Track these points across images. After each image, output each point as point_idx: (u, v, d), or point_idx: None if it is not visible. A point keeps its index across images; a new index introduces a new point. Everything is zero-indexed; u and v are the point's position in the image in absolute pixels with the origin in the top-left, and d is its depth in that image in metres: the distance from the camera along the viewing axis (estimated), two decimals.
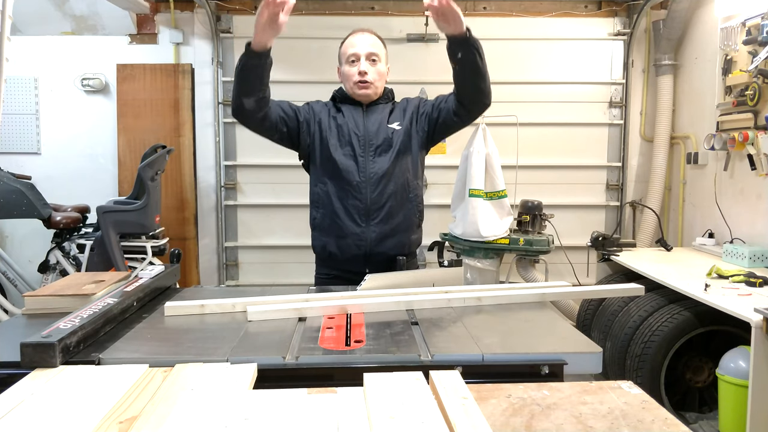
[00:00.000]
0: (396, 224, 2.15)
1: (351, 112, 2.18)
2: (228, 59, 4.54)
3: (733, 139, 3.42)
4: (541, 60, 4.55)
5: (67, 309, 1.57)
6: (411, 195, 2.19)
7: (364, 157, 2.12)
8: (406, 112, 2.20)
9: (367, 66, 2.12)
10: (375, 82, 2.14)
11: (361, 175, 2.11)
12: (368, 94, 2.15)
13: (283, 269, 4.60)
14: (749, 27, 3.36)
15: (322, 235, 2.19)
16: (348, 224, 2.12)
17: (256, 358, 1.26)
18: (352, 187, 2.11)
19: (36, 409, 1.03)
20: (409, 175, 2.18)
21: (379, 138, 2.14)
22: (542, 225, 3.91)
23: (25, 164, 4.56)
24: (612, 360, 3.07)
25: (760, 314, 2.19)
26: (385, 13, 4.48)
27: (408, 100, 2.27)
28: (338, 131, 2.15)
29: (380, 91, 2.20)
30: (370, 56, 2.13)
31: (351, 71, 2.14)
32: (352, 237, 2.12)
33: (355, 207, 2.11)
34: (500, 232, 3.79)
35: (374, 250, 2.12)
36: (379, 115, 2.19)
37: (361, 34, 2.16)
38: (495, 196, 3.82)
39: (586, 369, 1.33)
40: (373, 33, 2.19)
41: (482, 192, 3.76)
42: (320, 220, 2.18)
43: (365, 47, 2.13)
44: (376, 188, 2.11)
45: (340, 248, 2.14)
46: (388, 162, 2.12)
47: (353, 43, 2.15)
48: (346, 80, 2.18)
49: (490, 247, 3.79)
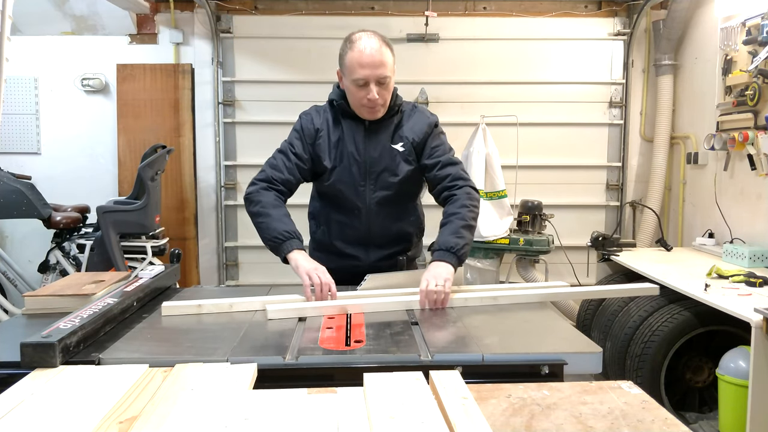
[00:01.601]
0: (396, 248, 2.11)
1: (351, 130, 2.00)
2: (228, 59, 4.54)
3: (733, 139, 3.41)
4: (541, 60, 4.54)
5: (67, 309, 1.58)
6: (413, 218, 2.13)
7: (364, 186, 2.01)
8: (415, 134, 2.02)
9: (377, 90, 1.89)
10: (385, 103, 1.96)
11: (361, 203, 2.02)
12: (376, 116, 1.97)
13: (283, 269, 4.49)
14: (749, 27, 3.36)
15: (321, 249, 2.15)
16: (346, 248, 2.08)
17: (256, 358, 1.26)
18: (352, 214, 2.04)
19: (36, 409, 1.03)
20: (409, 199, 2.12)
21: (380, 164, 1.99)
22: (542, 225, 3.91)
23: (25, 164, 4.56)
24: (612, 360, 3.07)
25: (760, 314, 2.19)
26: (385, 13, 4.48)
27: (420, 116, 2.05)
28: (337, 154, 2.00)
29: (387, 107, 2.00)
30: (380, 80, 1.89)
31: (359, 94, 1.91)
32: (350, 258, 2.08)
33: (354, 233, 2.06)
34: (500, 232, 3.80)
35: (372, 269, 2.04)
36: (383, 135, 2.01)
37: (370, 48, 1.87)
38: (495, 196, 3.83)
39: (586, 369, 1.33)
40: (381, 40, 1.91)
41: (482, 192, 3.77)
42: (320, 237, 2.14)
43: (376, 70, 1.87)
44: (377, 216, 2.04)
45: (339, 267, 2.05)
46: (389, 190, 2.02)
47: (362, 63, 1.87)
48: (351, 99, 1.97)
49: (490, 247, 3.80)
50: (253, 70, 4.53)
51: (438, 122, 2.09)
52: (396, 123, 2.03)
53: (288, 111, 4.24)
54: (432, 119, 2.07)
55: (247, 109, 4.56)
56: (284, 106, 4.41)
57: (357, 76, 1.88)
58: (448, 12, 4.47)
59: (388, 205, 2.04)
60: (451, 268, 1.77)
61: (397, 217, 2.08)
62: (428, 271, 1.77)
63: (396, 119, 2.03)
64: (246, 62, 4.54)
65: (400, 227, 2.10)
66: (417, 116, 2.06)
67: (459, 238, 1.84)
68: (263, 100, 4.53)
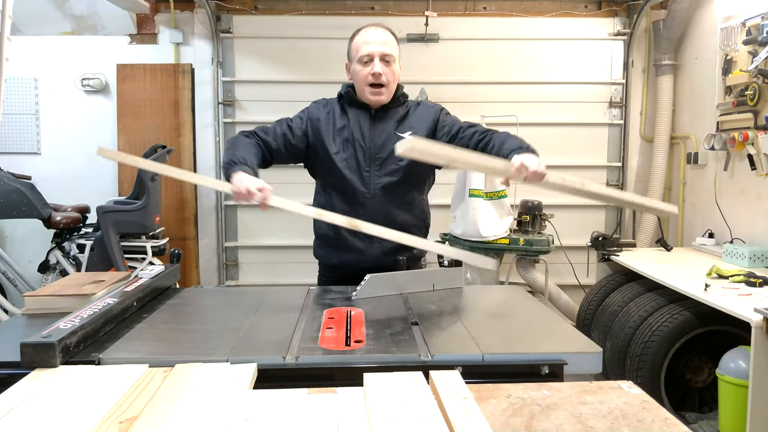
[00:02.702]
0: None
1: (357, 118, 2.05)
2: (228, 59, 4.54)
3: (733, 139, 3.41)
4: (541, 60, 4.55)
5: (67, 309, 1.57)
6: (417, 211, 2.12)
7: (369, 171, 2.02)
8: (422, 123, 2.06)
9: (381, 67, 1.96)
10: (389, 85, 2.00)
11: (365, 189, 2.03)
12: (381, 100, 2.02)
13: (283, 269, 4.60)
14: (749, 27, 3.36)
15: (325, 245, 2.15)
16: (351, 239, 2.06)
17: (256, 358, 1.26)
18: (357, 202, 2.03)
19: (36, 409, 1.03)
20: (416, 191, 2.11)
21: (385, 150, 2.02)
22: (542, 225, 3.91)
23: (25, 164, 4.56)
24: (612, 360, 3.07)
25: (760, 314, 2.19)
26: (385, 13, 4.48)
27: (425, 107, 2.12)
28: (342, 140, 2.04)
29: (392, 95, 2.06)
30: (384, 57, 1.97)
31: (364, 72, 1.98)
32: (355, 251, 2.07)
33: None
34: (500, 232, 3.80)
35: (377, 264, 2.03)
36: (388, 123, 2.05)
37: (375, 29, 1.99)
38: (495, 196, 3.83)
39: (586, 369, 1.33)
40: (387, 28, 2.03)
41: (482, 192, 3.77)
42: (324, 231, 2.13)
43: (380, 46, 1.97)
44: (382, 203, 2.04)
45: (343, 261, 2.10)
46: (394, 177, 2.03)
47: (367, 40, 1.98)
48: (356, 80, 2.02)
49: (490, 247, 3.80)
50: (253, 70, 4.53)
51: (443, 108, 2.15)
52: (402, 114, 2.07)
53: (288, 111, 4.15)
54: (437, 107, 2.14)
55: (247, 109, 4.56)
56: (284, 106, 4.39)
57: (362, 52, 1.97)
58: (448, 12, 4.47)
59: (392, 192, 2.04)
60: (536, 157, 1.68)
61: (402, 206, 2.08)
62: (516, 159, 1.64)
63: (402, 110, 2.08)
64: (246, 62, 4.54)
65: (405, 218, 2.09)
66: (423, 108, 2.12)
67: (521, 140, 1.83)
68: (263, 100, 4.53)
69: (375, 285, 1.86)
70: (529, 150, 1.75)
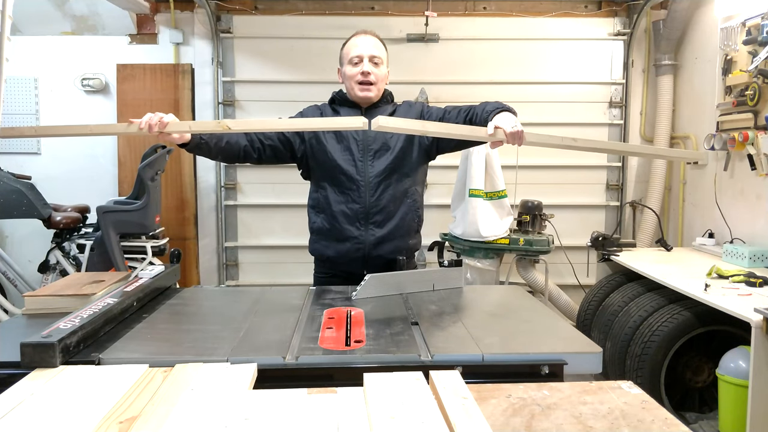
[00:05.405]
0: (394, 227, 2.15)
1: (349, 116, 2.16)
2: (228, 59, 4.54)
3: (733, 139, 3.41)
4: (541, 60, 4.54)
5: (67, 309, 1.58)
6: (409, 200, 2.19)
7: (363, 160, 2.12)
8: (408, 117, 2.16)
9: (370, 67, 2.11)
10: (377, 84, 2.14)
11: (360, 177, 2.12)
12: (369, 96, 2.14)
13: (283, 269, 4.60)
14: (749, 27, 3.36)
15: (321, 238, 2.20)
16: (347, 227, 2.13)
17: (256, 358, 1.26)
18: (351, 189, 2.12)
19: (36, 409, 1.03)
20: (409, 180, 2.18)
21: (377, 142, 2.14)
22: (542, 225, 3.91)
23: (25, 164, 4.56)
24: (612, 360, 3.07)
25: (760, 314, 2.19)
26: (385, 13, 4.48)
27: (411, 104, 2.25)
28: (336, 134, 2.15)
29: (380, 94, 2.20)
30: (372, 58, 2.13)
31: (353, 71, 2.13)
32: (350, 240, 2.13)
33: (354, 209, 2.12)
34: (500, 232, 3.80)
35: (372, 254, 2.13)
36: None
37: (363, 36, 2.16)
38: (495, 196, 3.83)
39: (586, 369, 1.33)
40: (375, 35, 2.19)
41: (482, 192, 3.77)
42: (320, 224, 2.19)
43: (368, 49, 2.13)
44: (375, 190, 2.12)
45: (338, 252, 2.15)
46: (387, 164, 2.12)
47: (356, 44, 2.14)
48: (347, 81, 2.17)
49: (490, 247, 3.80)
50: (253, 70, 4.53)
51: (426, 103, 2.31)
52: (390, 111, 2.19)
53: (288, 111, 4.16)
54: (420, 102, 2.31)
55: (247, 109, 4.56)
56: (284, 106, 4.40)
57: (352, 54, 2.13)
58: (448, 12, 4.47)
59: (386, 180, 2.13)
60: (513, 115, 1.88)
61: (395, 195, 2.16)
62: (494, 121, 1.82)
63: (390, 108, 2.21)
64: (246, 62, 4.54)
65: (398, 206, 2.17)
66: (408, 105, 2.26)
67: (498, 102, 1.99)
68: (263, 100, 4.53)
69: (375, 285, 1.86)
70: (506, 109, 1.92)
